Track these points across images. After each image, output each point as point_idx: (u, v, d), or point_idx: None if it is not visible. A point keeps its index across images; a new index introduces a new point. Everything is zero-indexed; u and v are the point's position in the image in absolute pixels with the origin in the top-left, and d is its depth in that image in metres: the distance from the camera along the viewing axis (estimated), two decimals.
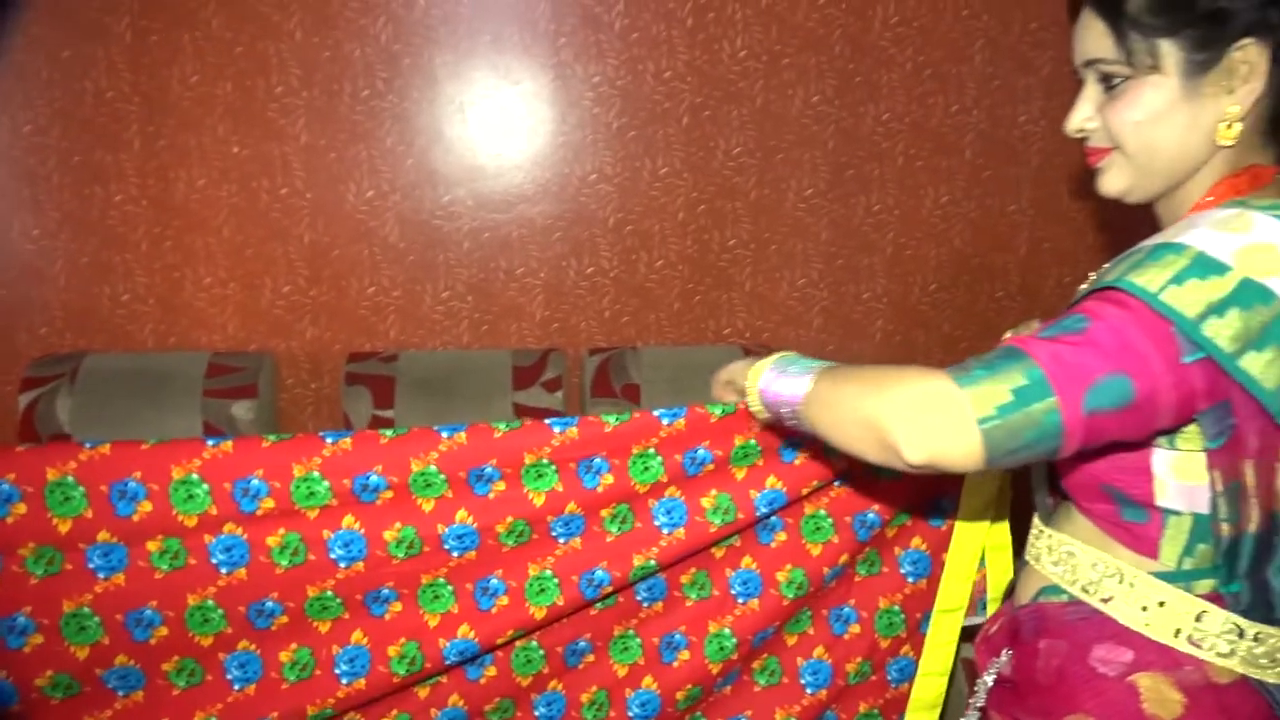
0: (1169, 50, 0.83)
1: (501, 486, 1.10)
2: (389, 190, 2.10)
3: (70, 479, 1.00)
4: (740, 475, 1.16)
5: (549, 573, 1.14)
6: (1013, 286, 2.35)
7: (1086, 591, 0.91)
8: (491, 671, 1.22)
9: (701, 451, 1.13)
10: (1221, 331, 0.74)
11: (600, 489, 1.12)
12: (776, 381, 0.95)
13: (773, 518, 1.22)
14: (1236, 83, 0.83)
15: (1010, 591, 1.08)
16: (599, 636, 1.25)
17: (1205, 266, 0.76)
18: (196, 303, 2.09)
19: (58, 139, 1.98)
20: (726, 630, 1.24)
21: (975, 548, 1.30)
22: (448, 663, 1.15)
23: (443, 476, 1.07)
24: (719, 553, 1.24)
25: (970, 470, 0.78)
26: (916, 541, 1.31)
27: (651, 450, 1.11)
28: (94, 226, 2.02)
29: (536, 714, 1.25)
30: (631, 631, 1.26)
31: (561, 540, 1.14)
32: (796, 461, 1.17)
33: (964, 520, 1.29)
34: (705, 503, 1.15)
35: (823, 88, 2.19)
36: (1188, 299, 0.75)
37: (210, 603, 1.07)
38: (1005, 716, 0.99)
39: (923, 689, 1.34)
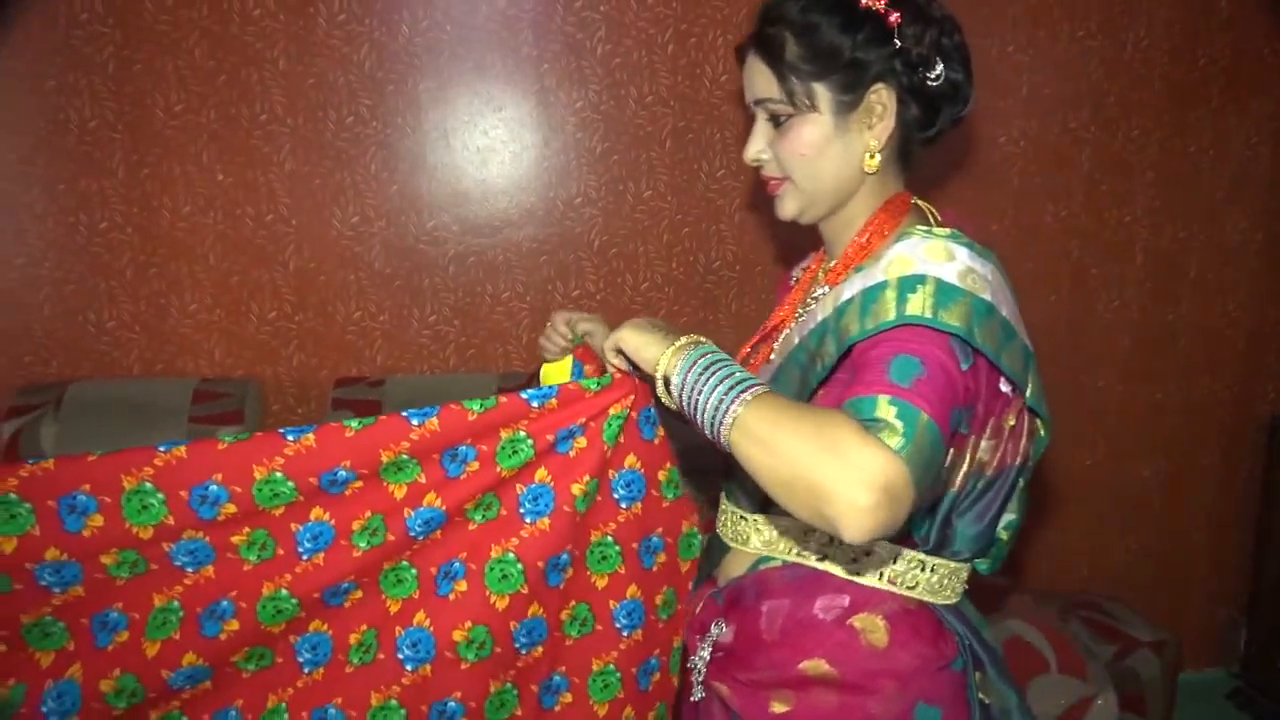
0: (821, 92, 0.99)
1: (475, 466, 1.08)
2: (374, 216, 2.11)
3: (13, 496, 0.96)
4: (608, 453, 1.13)
5: (512, 555, 1.11)
6: None
7: (802, 555, 1.03)
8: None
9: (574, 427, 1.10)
10: (986, 339, 0.88)
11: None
12: (699, 387, 0.90)
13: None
14: (874, 120, 0.99)
15: (704, 575, 1.17)
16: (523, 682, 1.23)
17: (949, 291, 0.88)
18: (182, 329, 2.09)
19: (43, 168, 1.98)
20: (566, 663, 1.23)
21: None
22: (399, 655, 1.12)
23: (416, 461, 1.05)
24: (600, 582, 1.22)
25: None
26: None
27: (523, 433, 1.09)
28: (79, 254, 2.03)
29: None
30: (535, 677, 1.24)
31: (528, 520, 1.12)
32: (655, 441, 1.17)
33: None
34: (575, 489, 1.12)
35: None
36: (955, 317, 0.87)
37: (175, 603, 1.04)
38: (727, 680, 1.06)
39: None
